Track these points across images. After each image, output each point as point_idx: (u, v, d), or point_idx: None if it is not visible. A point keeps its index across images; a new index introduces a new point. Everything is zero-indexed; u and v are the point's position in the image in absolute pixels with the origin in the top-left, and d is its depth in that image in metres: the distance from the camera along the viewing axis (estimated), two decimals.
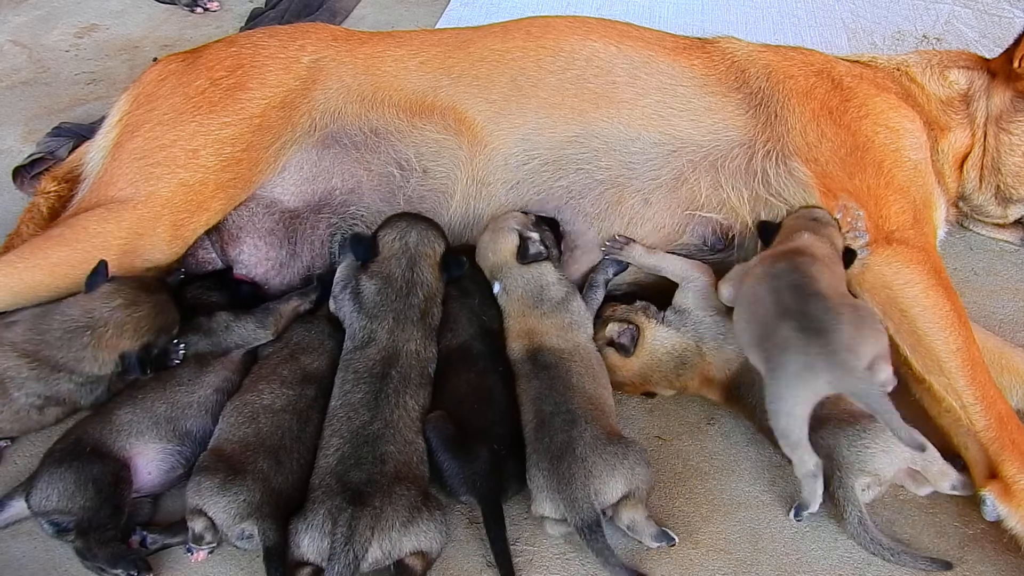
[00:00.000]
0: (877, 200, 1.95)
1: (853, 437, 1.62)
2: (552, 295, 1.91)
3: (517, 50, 2.14)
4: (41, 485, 1.58)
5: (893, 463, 1.61)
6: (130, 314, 1.74)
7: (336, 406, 1.71)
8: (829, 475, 1.62)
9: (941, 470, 1.64)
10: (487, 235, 2.00)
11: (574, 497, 1.55)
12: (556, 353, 1.80)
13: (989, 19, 3.61)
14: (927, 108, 2.25)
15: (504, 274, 1.95)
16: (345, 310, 1.89)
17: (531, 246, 1.93)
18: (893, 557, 1.58)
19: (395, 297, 1.87)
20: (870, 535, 1.59)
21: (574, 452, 1.59)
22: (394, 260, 1.91)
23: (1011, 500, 1.63)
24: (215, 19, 3.81)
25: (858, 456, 1.60)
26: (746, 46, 2.22)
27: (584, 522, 1.54)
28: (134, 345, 1.74)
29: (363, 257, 1.92)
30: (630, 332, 1.89)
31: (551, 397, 1.70)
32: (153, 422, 1.69)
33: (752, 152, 2.04)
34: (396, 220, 1.99)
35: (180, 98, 2.03)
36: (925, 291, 1.83)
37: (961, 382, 1.75)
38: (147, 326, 1.76)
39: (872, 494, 1.66)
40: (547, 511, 1.60)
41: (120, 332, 1.73)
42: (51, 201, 2.17)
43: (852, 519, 1.60)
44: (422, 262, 1.92)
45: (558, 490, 1.56)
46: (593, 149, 2.06)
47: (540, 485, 1.60)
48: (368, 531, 1.46)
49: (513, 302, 1.92)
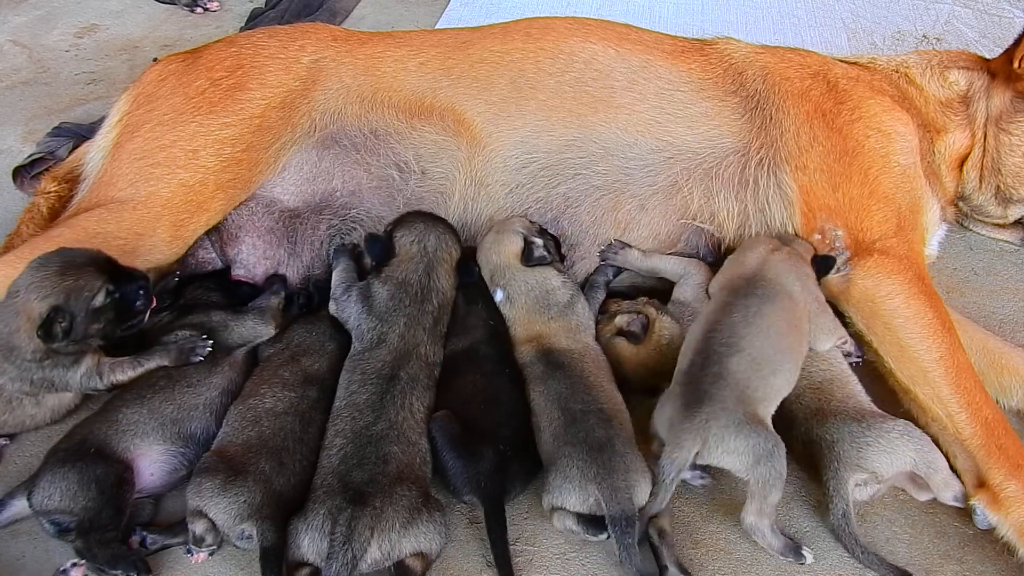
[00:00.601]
0: (859, 211, 1.96)
1: (857, 433, 1.63)
2: (559, 299, 1.91)
3: (516, 52, 2.14)
4: (43, 484, 1.58)
5: (894, 464, 1.61)
6: (38, 278, 1.66)
7: (340, 406, 1.71)
8: (824, 465, 1.63)
9: (945, 480, 1.63)
10: (491, 236, 2.00)
11: (615, 487, 1.54)
12: (567, 354, 1.81)
13: (989, 19, 3.61)
14: (926, 109, 2.26)
15: (508, 278, 1.94)
16: (350, 312, 1.88)
17: (535, 250, 1.93)
18: (864, 557, 1.58)
19: (409, 303, 1.85)
20: (850, 529, 1.59)
21: (614, 447, 1.59)
22: (411, 264, 1.90)
23: (1000, 507, 1.63)
24: (215, 19, 3.81)
25: (859, 452, 1.61)
26: (744, 48, 2.23)
27: (623, 513, 1.53)
28: (43, 308, 1.63)
29: (379, 258, 1.91)
30: (640, 321, 1.90)
31: (578, 395, 1.70)
32: (159, 423, 1.68)
33: (746, 160, 2.05)
34: (413, 221, 1.96)
35: (180, 98, 2.03)
36: (906, 301, 1.84)
37: (945, 391, 1.75)
38: (51, 286, 1.65)
39: (868, 492, 1.66)
40: (573, 503, 1.57)
41: (29, 297, 1.65)
42: (51, 201, 2.17)
43: (837, 511, 1.60)
44: (439, 268, 1.91)
45: (596, 480, 1.55)
46: (591, 154, 2.06)
47: (571, 476, 1.58)
48: (368, 531, 1.46)
49: (518, 309, 1.92)
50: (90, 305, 1.67)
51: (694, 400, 1.59)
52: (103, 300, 1.68)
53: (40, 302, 1.64)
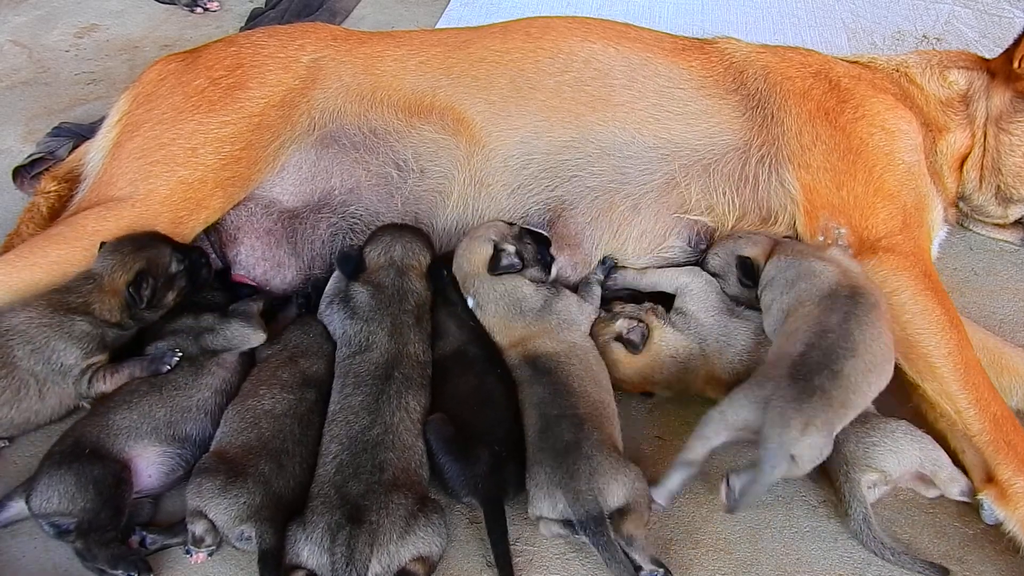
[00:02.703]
0: (864, 209, 1.96)
1: (862, 434, 1.63)
2: (531, 305, 1.90)
3: (516, 51, 2.14)
4: (41, 487, 1.57)
5: (901, 463, 1.61)
6: (118, 258, 1.83)
7: (335, 410, 1.71)
8: (836, 470, 1.63)
9: (950, 475, 1.64)
10: (463, 244, 2.00)
11: (578, 490, 1.54)
12: (553, 357, 1.80)
13: (989, 19, 3.61)
14: (927, 109, 2.26)
15: (476, 286, 1.93)
16: (334, 320, 1.90)
17: (504, 258, 1.92)
18: (893, 558, 1.58)
19: (388, 303, 1.88)
20: (873, 533, 1.59)
21: (580, 450, 1.59)
22: (382, 272, 1.93)
23: (1007, 503, 1.63)
24: (215, 19, 3.81)
25: (866, 452, 1.61)
26: (744, 47, 2.23)
27: (588, 515, 1.52)
28: (129, 277, 1.81)
29: (350, 274, 1.94)
30: (640, 330, 1.89)
31: (556, 402, 1.70)
32: (152, 427, 1.68)
33: (746, 157, 2.05)
34: (380, 234, 2.00)
35: (180, 97, 2.03)
36: (913, 297, 1.83)
37: (954, 386, 1.75)
38: (133, 260, 1.82)
39: (878, 493, 1.66)
40: (545, 510, 1.58)
41: (114, 276, 1.82)
42: (51, 201, 2.17)
43: (857, 515, 1.60)
44: (410, 272, 1.94)
45: (560, 485, 1.55)
46: (588, 154, 2.06)
47: (541, 483, 1.59)
48: (367, 548, 1.47)
49: (489, 316, 1.91)
50: (168, 271, 1.86)
51: (806, 390, 1.55)
52: (177, 267, 1.87)
53: (127, 274, 1.82)
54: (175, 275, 1.87)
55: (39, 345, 1.74)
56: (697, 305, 1.93)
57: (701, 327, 1.90)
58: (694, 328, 1.90)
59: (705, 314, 1.91)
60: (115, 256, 1.83)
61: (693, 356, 1.89)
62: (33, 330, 1.75)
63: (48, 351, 1.74)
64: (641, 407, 1.96)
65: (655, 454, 1.84)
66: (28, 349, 1.74)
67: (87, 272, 1.83)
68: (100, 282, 1.81)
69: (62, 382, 1.76)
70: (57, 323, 1.76)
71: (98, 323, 1.79)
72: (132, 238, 1.87)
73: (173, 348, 1.80)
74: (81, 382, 1.76)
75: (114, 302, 1.81)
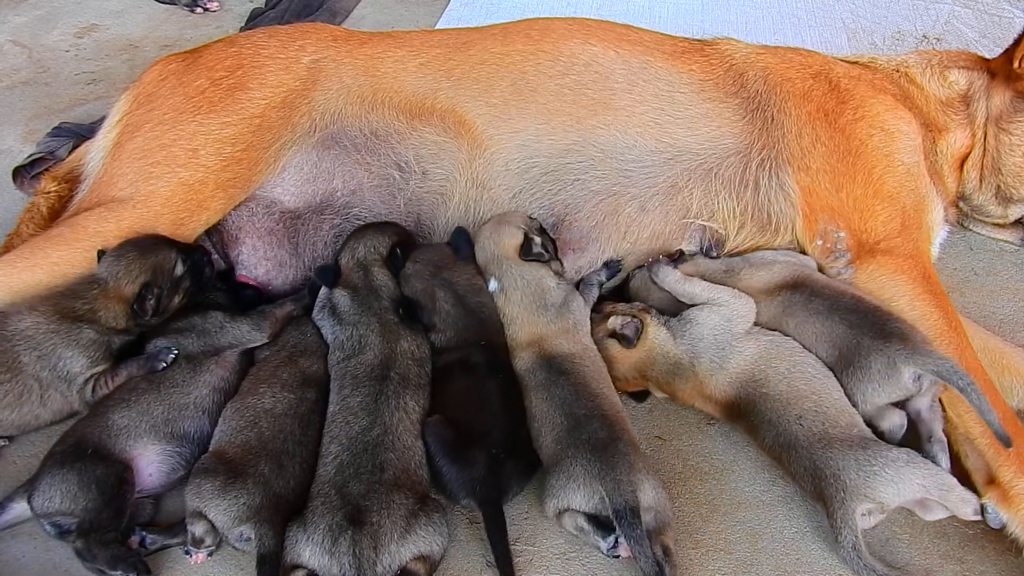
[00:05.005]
0: (863, 212, 1.96)
1: (863, 461, 1.58)
2: (554, 300, 1.91)
3: (517, 53, 2.14)
4: (43, 487, 1.57)
5: (900, 494, 1.57)
6: (123, 264, 1.83)
7: (335, 411, 1.71)
8: (831, 496, 1.59)
9: (961, 497, 1.59)
10: (490, 225, 2.00)
11: (618, 480, 1.54)
12: (568, 359, 1.80)
13: (989, 19, 3.61)
14: (927, 109, 2.26)
15: (503, 270, 1.94)
16: (325, 327, 1.91)
17: (534, 246, 1.94)
18: None
19: (367, 303, 1.90)
20: (863, 562, 1.55)
21: (617, 447, 1.60)
22: (353, 274, 1.96)
23: (1009, 505, 1.62)
24: (215, 19, 3.81)
25: (866, 481, 1.56)
26: (744, 48, 2.22)
27: (627, 505, 1.52)
28: (135, 288, 1.81)
29: (329, 283, 1.96)
30: (634, 324, 1.88)
31: (581, 402, 1.70)
32: (150, 425, 1.68)
33: (747, 160, 2.05)
34: (348, 239, 2.03)
35: (180, 98, 2.03)
36: (912, 302, 1.83)
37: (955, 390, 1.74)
38: (139, 267, 1.82)
39: (872, 521, 1.62)
40: (577, 502, 1.57)
41: (120, 282, 1.81)
42: (51, 201, 2.17)
43: (846, 543, 1.56)
44: (373, 268, 1.96)
45: (599, 476, 1.55)
46: (590, 158, 2.06)
47: (575, 474, 1.58)
48: (371, 551, 1.47)
49: (513, 304, 1.91)
50: (173, 276, 1.86)
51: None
52: (182, 269, 1.87)
53: (132, 284, 1.81)
54: (180, 278, 1.87)
55: (46, 352, 1.74)
56: (718, 323, 1.84)
57: (699, 341, 1.85)
58: (690, 340, 1.85)
59: (716, 334, 1.84)
60: (120, 263, 1.83)
61: (682, 364, 1.85)
62: (40, 336, 1.75)
63: (55, 358, 1.74)
64: (641, 407, 1.96)
65: (655, 454, 1.84)
66: (35, 355, 1.74)
67: (92, 276, 1.83)
68: (105, 288, 1.81)
69: (67, 389, 1.76)
70: (65, 331, 1.76)
71: (104, 330, 1.79)
72: (136, 243, 1.86)
73: (170, 346, 1.80)
74: (85, 390, 1.76)
75: (119, 309, 1.81)
